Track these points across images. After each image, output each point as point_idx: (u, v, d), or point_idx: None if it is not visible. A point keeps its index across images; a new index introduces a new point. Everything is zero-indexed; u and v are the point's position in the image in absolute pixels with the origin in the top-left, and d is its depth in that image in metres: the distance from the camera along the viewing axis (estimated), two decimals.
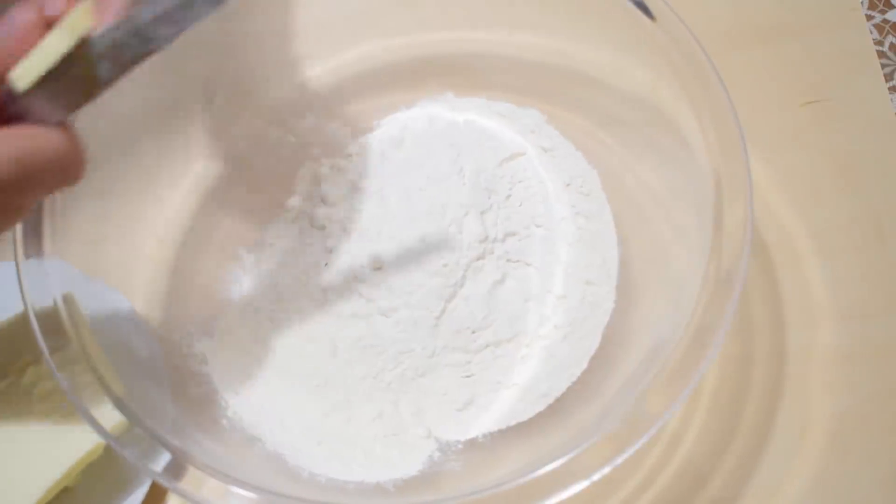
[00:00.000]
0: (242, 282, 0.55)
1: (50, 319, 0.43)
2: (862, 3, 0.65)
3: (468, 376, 0.51)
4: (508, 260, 0.54)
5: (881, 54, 0.62)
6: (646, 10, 0.47)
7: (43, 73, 0.30)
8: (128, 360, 0.46)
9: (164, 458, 0.40)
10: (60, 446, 0.46)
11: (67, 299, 0.44)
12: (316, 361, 0.52)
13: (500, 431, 0.50)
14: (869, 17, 0.64)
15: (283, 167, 0.59)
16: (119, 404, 0.41)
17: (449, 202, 0.55)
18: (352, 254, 0.54)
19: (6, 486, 0.46)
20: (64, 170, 0.32)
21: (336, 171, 0.58)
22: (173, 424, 0.44)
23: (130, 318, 0.49)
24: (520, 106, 0.58)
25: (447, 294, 0.52)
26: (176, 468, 0.40)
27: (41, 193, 0.32)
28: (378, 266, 0.53)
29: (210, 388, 0.51)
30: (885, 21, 0.65)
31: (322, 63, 0.59)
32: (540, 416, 0.49)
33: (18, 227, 0.45)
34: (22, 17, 0.31)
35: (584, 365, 0.50)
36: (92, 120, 0.48)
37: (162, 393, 0.47)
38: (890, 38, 0.64)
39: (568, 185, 0.56)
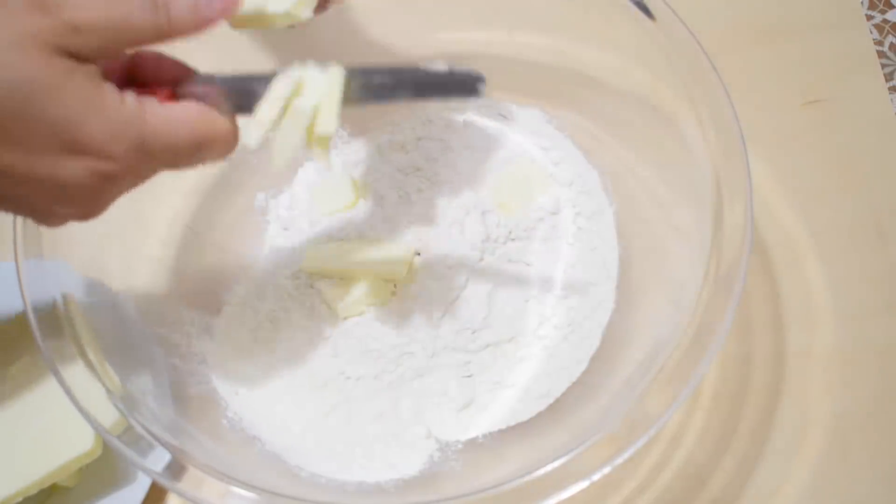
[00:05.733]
0: (242, 281, 0.55)
1: (49, 319, 0.43)
2: (862, 3, 0.65)
3: (468, 376, 0.51)
4: (509, 260, 0.54)
5: (881, 54, 0.63)
6: (646, 10, 0.47)
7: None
8: (127, 360, 0.46)
9: (164, 458, 0.40)
10: (57, 443, 0.46)
11: (67, 299, 0.44)
12: (316, 362, 0.52)
13: (500, 431, 0.50)
14: (869, 17, 0.64)
15: (283, 167, 0.59)
16: (119, 404, 0.41)
17: (449, 203, 0.55)
18: None
19: None
20: (221, 151, 0.35)
21: (335, 172, 0.58)
22: (173, 424, 0.44)
23: (130, 317, 0.49)
24: (520, 106, 0.58)
25: (449, 297, 0.52)
26: (176, 468, 0.40)
27: (196, 165, 0.35)
28: None
29: (210, 387, 0.51)
30: (885, 21, 0.65)
31: None
32: (540, 416, 0.49)
33: (19, 228, 0.45)
34: None
35: (584, 365, 0.50)
36: None
37: (162, 393, 0.47)
38: (890, 38, 0.64)
39: (568, 185, 0.56)
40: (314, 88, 0.35)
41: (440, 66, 0.36)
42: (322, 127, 0.35)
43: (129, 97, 0.32)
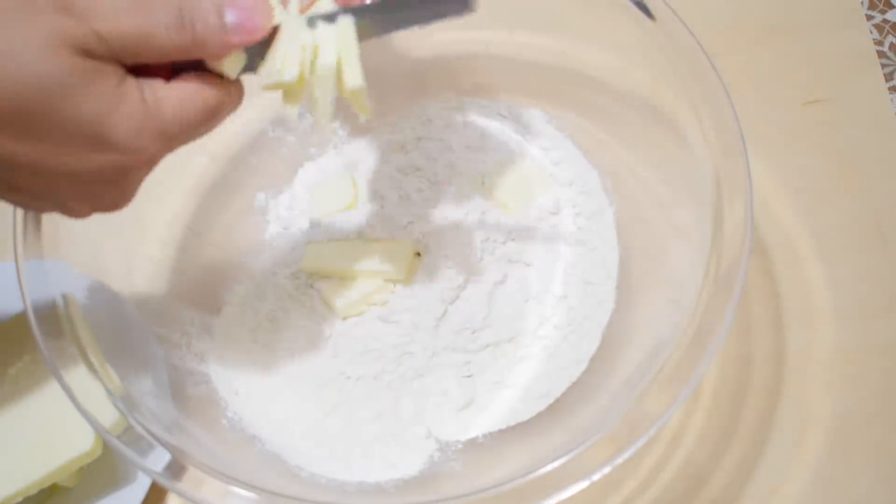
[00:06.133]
0: (242, 281, 0.55)
1: (50, 319, 0.43)
2: (862, 3, 0.65)
3: (468, 376, 0.51)
4: (509, 260, 0.54)
5: (881, 54, 0.62)
6: (646, 10, 0.47)
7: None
8: (127, 360, 0.46)
9: (164, 458, 0.40)
10: (57, 443, 0.46)
11: (67, 299, 0.44)
12: (316, 362, 0.52)
13: (500, 431, 0.49)
14: (869, 17, 0.64)
15: (283, 167, 0.59)
16: (119, 404, 0.41)
17: (449, 203, 0.55)
18: None
19: None
20: (231, 109, 0.36)
21: (335, 172, 0.58)
22: (173, 424, 0.44)
23: (130, 317, 0.49)
24: (520, 106, 0.58)
25: (449, 297, 0.52)
26: (176, 468, 0.40)
27: (207, 132, 0.36)
28: None
29: (210, 387, 0.51)
30: (885, 21, 0.65)
31: None
32: (540, 416, 0.49)
33: (19, 227, 0.45)
34: None
35: (584, 365, 0.50)
36: None
37: (162, 392, 0.47)
38: (890, 38, 0.64)
39: (568, 185, 0.56)
40: (330, 45, 0.35)
41: None
42: (350, 82, 0.36)
43: (146, 91, 0.33)
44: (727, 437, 0.51)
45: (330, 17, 0.36)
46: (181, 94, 0.33)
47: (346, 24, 0.36)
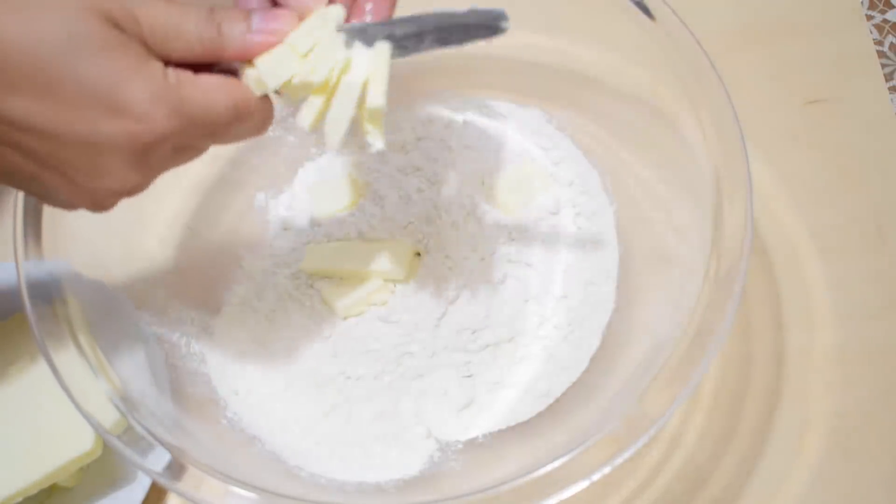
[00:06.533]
0: (242, 281, 0.55)
1: (49, 319, 0.43)
2: (862, 3, 0.65)
3: (468, 376, 0.51)
4: (509, 260, 0.54)
5: (881, 54, 0.63)
6: (646, 10, 0.47)
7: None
8: (127, 360, 0.46)
9: (164, 458, 0.40)
10: (57, 443, 0.46)
11: (67, 299, 0.44)
12: (316, 362, 0.52)
13: (500, 431, 0.49)
14: (869, 17, 0.64)
15: (283, 167, 0.59)
16: (119, 404, 0.41)
17: (449, 203, 0.55)
18: None
19: None
20: (257, 126, 0.36)
21: (335, 172, 0.58)
22: (173, 424, 0.44)
23: (130, 317, 0.49)
24: (520, 106, 0.58)
25: (449, 297, 0.52)
26: (176, 468, 0.40)
27: (232, 140, 0.36)
28: None
29: (209, 387, 0.51)
30: (885, 21, 0.65)
31: None
32: (540, 416, 0.49)
33: (19, 227, 0.45)
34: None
35: (584, 365, 0.50)
36: None
37: (162, 392, 0.47)
38: (890, 38, 0.64)
39: (568, 185, 0.56)
40: (361, 64, 0.36)
41: (460, 10, 0.36)
42: (371, 100, 0.35)
43: (170, 72, 0.33)
44: (727, 437, 0.51)
45: (367, 41, 0.36)
46: (206, 82, 0.34)
47: (383, 49, 0.36)
